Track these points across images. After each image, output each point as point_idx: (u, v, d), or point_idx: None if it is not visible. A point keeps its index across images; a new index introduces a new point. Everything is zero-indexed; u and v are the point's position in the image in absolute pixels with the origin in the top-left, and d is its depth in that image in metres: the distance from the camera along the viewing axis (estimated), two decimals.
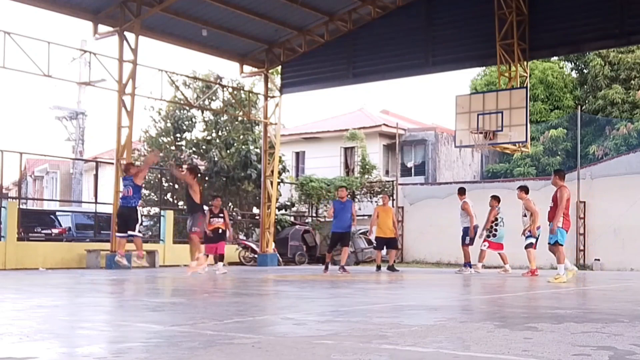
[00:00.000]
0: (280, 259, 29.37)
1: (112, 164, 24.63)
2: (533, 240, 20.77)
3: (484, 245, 22.10)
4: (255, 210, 33.96)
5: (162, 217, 27.71)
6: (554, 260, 17.52)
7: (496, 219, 21.99)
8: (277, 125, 30.15)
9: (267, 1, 25.79)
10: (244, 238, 31.75)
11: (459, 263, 22.87)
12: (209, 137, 33.91)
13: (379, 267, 23.63)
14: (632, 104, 39.50)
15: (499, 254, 22.32)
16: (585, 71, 43.55)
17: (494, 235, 21.98)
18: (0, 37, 21.49)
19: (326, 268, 22.48)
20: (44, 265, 22.07)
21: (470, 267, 22.01)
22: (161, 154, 33.01)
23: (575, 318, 7.83)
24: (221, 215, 21.34)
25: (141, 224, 19.61)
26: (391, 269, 23.20)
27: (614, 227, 27.18)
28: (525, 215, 20.83)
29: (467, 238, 22.06)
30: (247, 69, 29.87)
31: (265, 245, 28.52)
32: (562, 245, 16.88)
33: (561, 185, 16.95)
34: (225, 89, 31.97)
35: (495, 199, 22.16)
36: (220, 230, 21.24)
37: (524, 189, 20.88)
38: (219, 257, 21.43)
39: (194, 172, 19.82)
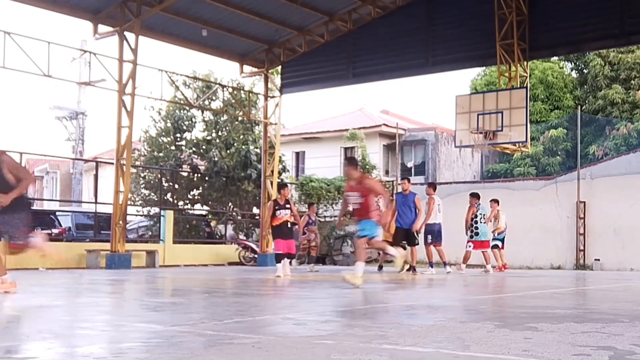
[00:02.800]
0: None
1: (112, 164, 24.62)
2: (499, 242, 23.03)
3: (469, 246, 22.13)
4: (255, 210, 33.95)
5: (162, 217, 27.70)
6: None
7: (476, 216, 22.13)
8: (277, 125, 30.15)
9: (267, 1, 25.78)
10: (244, 238, 31.73)
11: (459, 263, 22.80)
12: (209, 137, 33.88)
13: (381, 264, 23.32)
14: (632, 104, 39.53)
15: (482, 252, 22.42)
16: (585, 71, 43.58)
17: (477, 234, 22.11)
18: (0, 37, 21.51)
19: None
20: (44, 265, 22.04)
21: (432, 267, 21.51)
22: (161, 154, 33.01)
23: (575, 318, 7.84)
24: (288, 206, 18.75)
25: None
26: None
27: (614, 227, 27.18)
28: (491, 220, 22.91)
29: (429, 237, 21.35)
30: (247, 69, 29.88)
31: (266, 245, 28.48)
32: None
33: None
34: (225, 89, 31.95)
35: (475, 196, 22.34)
36: (289, 224, 18.77)
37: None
38: (289, 256, 19.07)
39: None
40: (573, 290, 14.66)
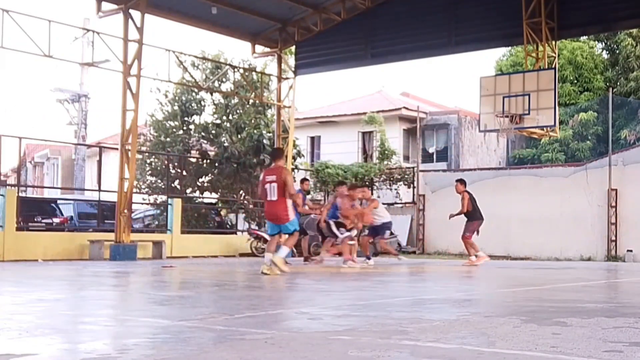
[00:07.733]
0: (295, 251, 29.34)
1: (117, 149, 24.67)
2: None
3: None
4: None
5: (169, 206, 27.69)
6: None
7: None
8: (291, 109, 30.13)
9: None
10: (256, 228, 31.73)
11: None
12: (218, 121, 33.84)
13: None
14: None
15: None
16: (617, 52, 43.28)
17: None
18: None
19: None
20: (45, 256, 22.11)
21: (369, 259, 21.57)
22: (168, 139, 33.01)
23: (607, 312, 7.81)
24: None
25: None
26: None
27: None
28: None
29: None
30: (260, 48, 29.84)
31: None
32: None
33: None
34: (236, 70, 31.91)
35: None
36: None
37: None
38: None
39: None
40: (604, 283, 14.63)
